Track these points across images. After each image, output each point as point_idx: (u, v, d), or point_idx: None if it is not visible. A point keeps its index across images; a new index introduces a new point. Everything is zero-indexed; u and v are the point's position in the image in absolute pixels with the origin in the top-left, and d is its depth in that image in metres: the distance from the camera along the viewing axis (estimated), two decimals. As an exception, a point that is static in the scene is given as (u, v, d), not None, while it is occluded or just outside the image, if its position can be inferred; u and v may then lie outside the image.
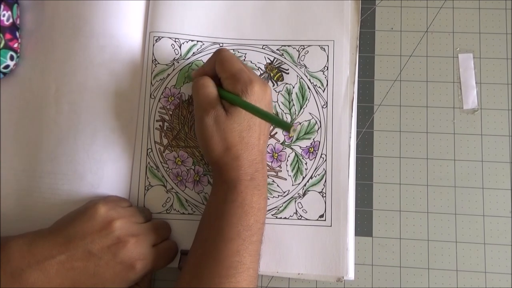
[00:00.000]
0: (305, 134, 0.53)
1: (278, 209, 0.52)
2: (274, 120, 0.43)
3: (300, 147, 0.53)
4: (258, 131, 0.47)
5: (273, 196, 0.52)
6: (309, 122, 0.53)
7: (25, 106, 0.53)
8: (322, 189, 0.52)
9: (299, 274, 0.50)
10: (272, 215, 0.52)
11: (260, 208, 0.46)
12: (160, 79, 0.54)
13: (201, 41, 0.55)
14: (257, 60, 0.55)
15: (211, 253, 0.43)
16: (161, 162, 0.53)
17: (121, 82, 0.53)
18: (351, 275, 0.50)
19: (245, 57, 0.55)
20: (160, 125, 0.54)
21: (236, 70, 0.47)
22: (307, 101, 0.54)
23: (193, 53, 0.55)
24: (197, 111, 0.48)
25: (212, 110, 0.46)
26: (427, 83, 0.56)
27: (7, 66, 0.52)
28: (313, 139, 0.53)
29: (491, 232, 0.52)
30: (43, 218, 0.48)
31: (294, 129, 0.39)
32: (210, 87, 0.48)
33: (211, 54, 0.54)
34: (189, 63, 0.55)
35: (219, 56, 0.48)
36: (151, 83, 0.54)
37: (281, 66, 0.55)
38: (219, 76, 0.48)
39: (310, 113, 0.54)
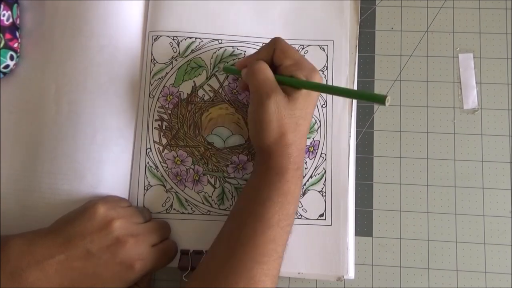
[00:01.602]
0: (304, 133, 0.53)
1: (278, 209, 0.52)
2: (366, 95, 0.40)
3: (300, 146, 0.53)
4: (309, 119, 0.47)
5: (273, 196, 0.52)
6: (309, 122, 0.53)
7: (25, 106, 0.53)
8: (322, 188, 0.52)
9: (299, 273, 0.50)
10: (272, 214, 0.51)
11: (298, 199, 0.46)
12: (159, 78, 0.54)
13: (199, 38, 0.55)
14: (257, 59, 0.55)
15: (248, 238, 0.43)
16: (160, 161, 0.53)
17: (120, 82, 0.53)
18: (351, 274, 0.50)
19: (244, 54, 0.55)
20: (159, 125, 0.54)
21: (300, 57, 0.47)
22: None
23: (192, 50, 0.55)
24: (256, 95, 0.46)
25: (273, 94, 0.45)
26: (427, 83, 0.56)
27: (7, 66, 0.52)
28: (313, 138, 0.53)
29: (491, 232, 0.52)
30: (43, 218, 0.48)
31: (388, 99, 0.37)
32: (268, 71, 0.46)
33: (210, 51, 0.54)
34: (188, 60, 0.55)
35: (280, 44, 0.48)
36: (150, 82, 0.54)
37: (281, 66, 0.55)
38: (279, 63, 0.47)
39: (309, 113, 0.54)
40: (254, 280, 0.42)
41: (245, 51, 0.55)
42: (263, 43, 0.55)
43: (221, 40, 0.55)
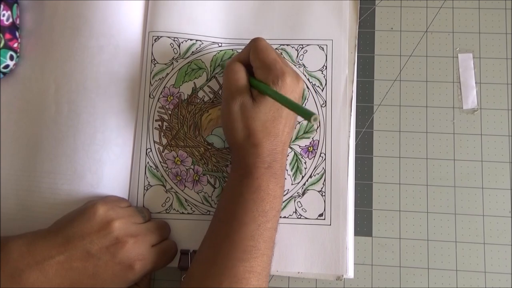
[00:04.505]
0: (304, 133, 0.53)
1: (278, 209, 0.52)
2: (301, 110, 0.41)
3: (299, 146, 0.53)
4: (284, 123, 0.47)
5: (273, 196, 0.52)
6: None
7: (25, 106, 0.53)
8: (322, 188, 0.52)
9: (299, 273, 0.50)
10: (271, 214, 0.52)
11: (276, 196, 0.46)
12: (159, 78, 0.54)
13: (200, 40, 0.55)
14: (257, 59, 0.55)
15: (226, 236, 0.44)
16: (160, 162, 0.53)
17: (120, 82, 0.53)
18: (350, 273, 0.50)
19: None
20: (159, 125, 0.54)
21: (270, 61, 0.47)
22: (306, 100, 0.54)
23: (192, 52, 0.55)
24: (225, 95, 0.48)
25: (239, 96, 0.46)
26: (427, 83, 0.56)
27: (7, 66, 0.52)
28: (312, 138, 0.53)
29: (491, 232, 0.52)
30: (43, 218, 0.48)
31: (315, 118, 0.38)
32: (240, 73, 0.47)
33: (210, 53, 0.54)
34: (188, 62, 0.55)
35: (255, 45, 0.48)
36: (150, 82, 0.54)
37: (281, 66, 0.55)
38: (252, 65, 0.48)
39: (309, 113, 0.54)
40: (237, 277, 0.42)
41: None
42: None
43: (221, 43, 0.55)
